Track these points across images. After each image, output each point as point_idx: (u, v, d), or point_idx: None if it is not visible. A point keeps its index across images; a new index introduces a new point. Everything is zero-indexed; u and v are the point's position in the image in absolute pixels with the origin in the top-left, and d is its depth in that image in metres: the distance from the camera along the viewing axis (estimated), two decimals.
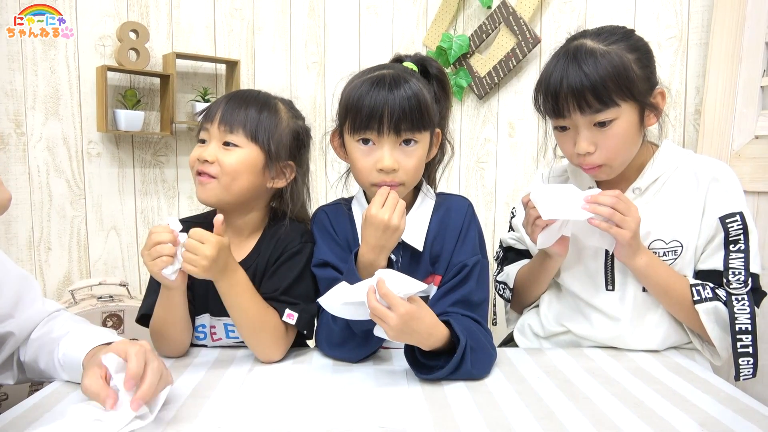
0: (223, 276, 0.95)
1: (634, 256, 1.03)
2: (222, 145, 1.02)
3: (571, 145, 1.05)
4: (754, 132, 1.53)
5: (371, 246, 0.94)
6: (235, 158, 1.01)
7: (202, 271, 0.92)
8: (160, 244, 0.91)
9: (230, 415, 0.79)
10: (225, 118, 1.02)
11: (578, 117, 1.01)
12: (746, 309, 1.00)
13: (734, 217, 1.03)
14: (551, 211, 0.99)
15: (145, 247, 0.93)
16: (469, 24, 2.04)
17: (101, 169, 1.98)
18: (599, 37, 1.03)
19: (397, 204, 0.94)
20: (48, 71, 1.87)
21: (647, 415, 0.80)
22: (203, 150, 1.02)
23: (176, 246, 0.92)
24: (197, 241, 0.91)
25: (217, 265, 0.93)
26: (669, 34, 1.76)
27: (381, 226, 0.92)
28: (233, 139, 1.01)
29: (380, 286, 0.84)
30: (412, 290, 0.85)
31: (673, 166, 1.09)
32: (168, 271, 0.92)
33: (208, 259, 0.91)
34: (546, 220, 1.01)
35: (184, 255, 0.92)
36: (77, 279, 1.94)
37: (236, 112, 1.02)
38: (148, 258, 0.92)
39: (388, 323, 0.84)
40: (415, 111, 0.94)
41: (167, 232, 0.92)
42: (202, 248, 0.91)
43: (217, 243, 0.92)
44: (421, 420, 0.78)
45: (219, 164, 1.00)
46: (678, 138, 1.77)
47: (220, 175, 1.01)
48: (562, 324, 1.17)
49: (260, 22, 2.18)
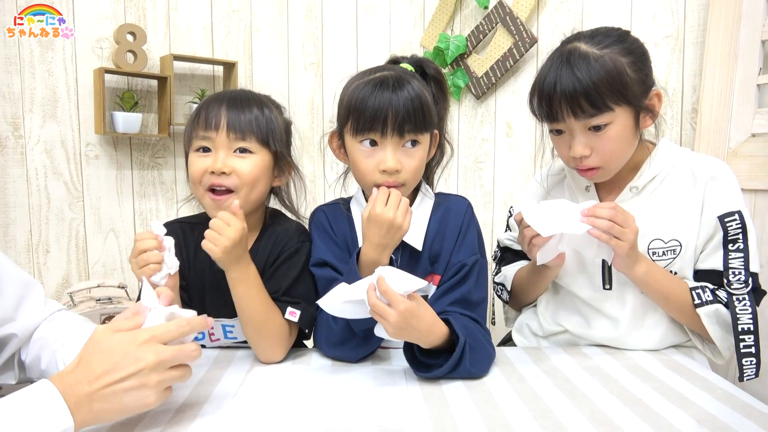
0: (236, 266, 0.95)
1: (633, 266, 1.03)
2: (233, 153, 0.98)
3: (566, 148, 1.05)
4: (750, 130, 1.54)
5: (375, 245, 0.95)
6: (252, 165, 0.99)
7: (222, 252, 0.92)
8: (146, 251, 0.91)
9: (229, 415, 0.79)
10: (234, 125, 0.97)
11: (572, 121, 1.01)
12: (748, 309, 1.00)
13: (733, 216, 1.03)
14: (549, 227, 0.99)
15: (131, 255, 0.93)
16: (466, 24, 2.05)
17: (99, 171, 1.98)
18: (593, 40, 1.02)
19: (400, 202, 0.94)
20: (45, 74, 1.87)
21: (645, 413, 0.80)
22: (212, 160, 0.97)
23: (162, 251, 0.92)
24: (224, 223, 0.92)
25: (235, 252, 0.93)
26: (665, 33, 1.77)
27: (386, 225, 0.92)
28: (247, 145, 0.98)
29: (380, 283, 0.84)
30: (412, 287, 0.86)
31: (670, 165, 1.09)
32: (156, 277, 0.92)
33: (231, 240, 0.91)
34: (546, 237, 1.00)
35: (207, 234, 0.93)
36: (76, 281, 1.94)
37: (243, 118, 0.98)
38: (135, 266, 0.92)
39: (388, 320, 0.84)
40: (418, 112, 0.94)
41: (152, 239, 0.92)
42: (227, 230, 0.92)
43: (242, 229, 0.93)
44: (420, 419, 0.78)
45: (237, 174, 0.97)
46: (675, 136, 1.77)
47: (240, 187, 0.98)
48: (560, 324, 1.17)
49: (257, 23, 2.19)
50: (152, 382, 0.69)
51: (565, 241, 1.03)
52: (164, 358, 0.70)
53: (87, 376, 0.67)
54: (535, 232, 1.01)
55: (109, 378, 0.67)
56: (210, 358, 1.03)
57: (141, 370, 0.68)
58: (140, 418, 0.77)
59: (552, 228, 0.99)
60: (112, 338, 0.71)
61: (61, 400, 0.65)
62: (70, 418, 0.65)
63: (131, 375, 0.68)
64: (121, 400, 0.68)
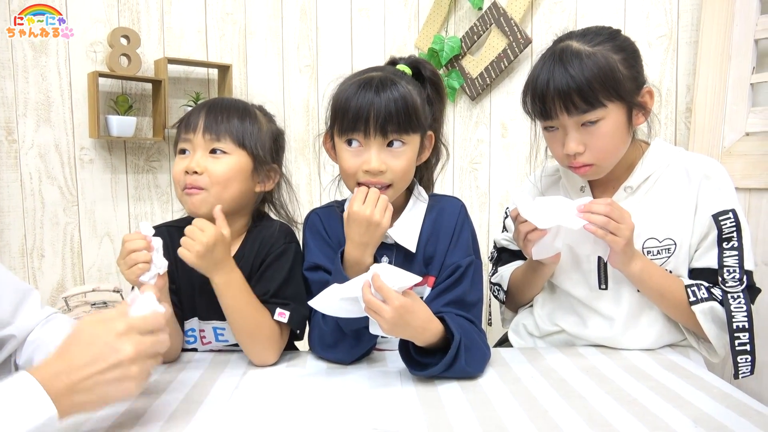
0: (218, 271, 0.95)
1: (629, 262, 1.03)
2: (208, 154, 1.01)
3: (559, 145, 1.06)
4: (744, 129, 1.54)
5: (356, 243, 0.95)
6: (225, 166, 1.00)
7: (195, 257, 0.92)
8: (135, 251, 0.91)
9: (224, 418, 0.79)
10: (210, 127, 1.00)
11: (565, 118, 1.02)
12: (743, 307, 1.00)
13: (727, 215, 1.04)
14: (546, 220, 0.99)
15: (120, 256, 0.93)
16: (460, 26, 2.05)
17: (94, 175, 1.98)
18: (585, 38, 1.03)
19: (378, 199, 0.94)
20: (39, 78, 1.87)
21: (641, 413, 0.80)
22: (188, 161, 1.00)
23: (151, 251, 0.92)
24: (198, 228, 0.93)
25: (212, 257, 0.93)
26: (659, 33, 1.77)
27: (364, 223, 0.93)
28: (221, 146, 1.00)
29: (375, 280, 0.85)
30: (406, 284, 0.86)
31: (664, 164, 1.10)
32: (146, 277, 0.92)
33: (203, 245, 0.92)
34: (542, 230, 1.00)
35: (182, 241, 0.93)
36: (71, 286, 1.93)
37: (220, 120, 1.01)
38: (124, 267, 0.92)
39: (383, 316, 0.84)
40: (401, 113, 0.94)
41: (140, 239, 0.92)
42: (200, 235, 0.92)
43: (216, 233, 0.93)
44: (415, 421, 0.77)
45: (208, 174, 0.99)
46: (669, 136, 1.77)
47: (210, 186, 0.99)
48: (556, 323, 1.17)
49: (252, 26, 2.18)
50: (132, 373, 0.69)
51: (561, 237, 1.03)
52: (142, 348, 0.70)
53: (66, 367, 0.67)
54: (531, 227, 1.01)
55: (89, 370, 0.67)
56: (205, 362, 1.03)
57: (121, 362, 0.68)
58: (133, 423, 0.77)
59: (549, 221, 0.99)
60: (91, 329, 0.70)
61: (42, 390, 0.64)
62: (52, 407, 0.64)
63: (111, 367, 0.68)
64: (103, 391, 0.68)
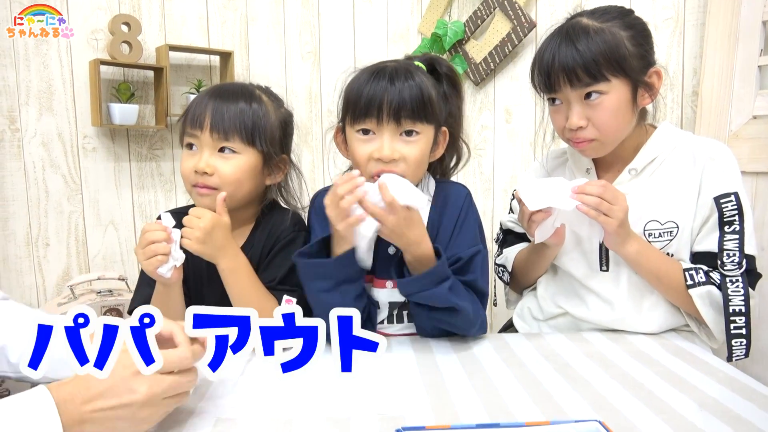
0: (221, 256, 0.95)
1: (623, 243, 1.03)
2: (217, 152, 0.98)
3: (563, 119, 1.06)
4: (752, 112, 1.52)
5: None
6: (235, 166, 0.98)
7: (196, 243, 0.93)
8: (155, 243, 0.91)
9: (229, 404, 0.79)
10: (217, 124, 0.97)
11: (569, 91, 1.02)
12: (740, 291, 1.00)
13: (729, 198, 1.03)
14: (537, 201, 1.00)
15: (138, 245, 0.93)
16: (463, 10, 2.02)
17: (97, 163, 1.97)
18: (594, 15, 1.04)
19: None
20: (41, 66, 1.86)
21: (646, 397, 0.79)
22: (196, 159, 0.98)
23: (170, 243, 0.92)
24: (195, 216, 0.94)
25: (213, 242, 0.93)
26: (665, 15, 1.75)
27: None
28: (229, 145, 0.98)
29: (384, 192, 0.89)
30: (411, 200, 0.90)
31: (670, 147, 1.09)
32: (163, 269, 0.92)
33: (202, 230, 0.92)
34: (545, 211, 1.01)
35: (183, 231, 0.93)
36: (76, 274, 1.94)
37: (227, 115, 0.97)
38: (142, 257, 0.92)
39: (385, 222, 0.90)
40: (416, 100, 0.93)
41: (161, 230, 0.92)
42: (197, 221, 0.93)
43: (213, 217, 0.94)
44: (420, 406, 0.77)
45: (218, 175, 0.97)
46: (676, 119, 1.75)
47: (221, 186, 0.97)
48: (560, 306, 1.17)
49: (253, 12, 2.17)
50: (142, 415, 0.65)
51: (559, 218, 1.04)
52: (157, 391, 0.66)
53: (81, 395, 0.64)
54: None
55: (101, 404, 0.64)
56: None
57: (132, 403, 0.65)
58: None
59: (540, 202, 1.00)
60: None
61: (56, 413, 0.62)
62: None
63: (121, 406, 0.64)
64: (112, 425, 0.65)
